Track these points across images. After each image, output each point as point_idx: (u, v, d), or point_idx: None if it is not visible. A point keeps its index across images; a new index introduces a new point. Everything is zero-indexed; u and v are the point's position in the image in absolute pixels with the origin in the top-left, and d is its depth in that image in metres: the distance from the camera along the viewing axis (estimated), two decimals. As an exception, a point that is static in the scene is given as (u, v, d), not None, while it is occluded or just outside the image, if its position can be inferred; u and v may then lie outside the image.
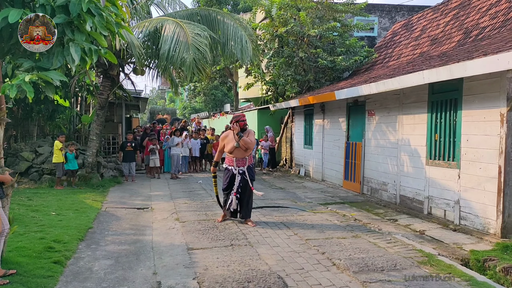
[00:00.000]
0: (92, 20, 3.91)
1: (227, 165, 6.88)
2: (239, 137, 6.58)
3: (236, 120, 6.72)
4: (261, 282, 4.39)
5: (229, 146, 6.75)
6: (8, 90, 3.64)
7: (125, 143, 12.38)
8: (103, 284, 4.36)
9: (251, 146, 6.66)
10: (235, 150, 6.69)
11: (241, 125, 6.69)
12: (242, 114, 6.84)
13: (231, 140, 6.71)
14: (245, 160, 6.78)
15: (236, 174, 6.74)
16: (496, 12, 9.07)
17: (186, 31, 10.41)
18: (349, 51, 14.05)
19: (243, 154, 6.73)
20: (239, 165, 6.76)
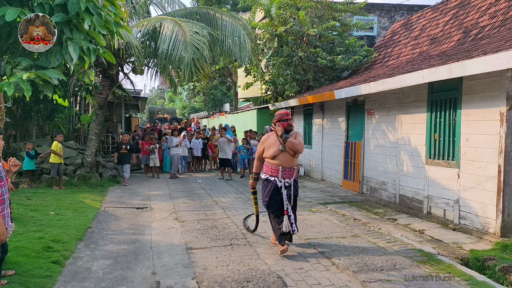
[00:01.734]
0: (90, 19, 3.90)
1: (267, 176, 5.35)
2: (284, 139, 5.21)
3: (278, 120, 5.40)
4: (260, 281, 4.38)
5: (271, 150, 5.29)
6: (6, 88, 3.63)
7: (120, 145, 11.82)
8: (102, 284, 4.34)
9: (300, 149, 5.23)
10: (280, 156, 5.26)
11: (284, 125, 5.30)
12: (286, 112, 5.40)
13: (274, 143, 5.30)
14: (292, 170, 5.32)
15: (282, 187, 5.23)
16: (496, 11, 9.06)
17: (184, 29, 10.40)
18: (349, 51, 14.04)
19: (290, 161, 5.28)
20: (286, 175, 5.26)
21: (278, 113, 5.46)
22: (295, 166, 5.37)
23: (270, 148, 5.35)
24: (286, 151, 5.25)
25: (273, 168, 5.30)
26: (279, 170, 5.25)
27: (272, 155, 5.28)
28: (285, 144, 5.23)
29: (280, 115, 5.45)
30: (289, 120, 5.37)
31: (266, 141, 5.44)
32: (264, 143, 5.46)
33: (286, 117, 5.39)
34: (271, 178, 5.32)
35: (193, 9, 12.80)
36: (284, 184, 5.25)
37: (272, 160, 5.30)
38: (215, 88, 35.88)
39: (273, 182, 5.29)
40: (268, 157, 5.35)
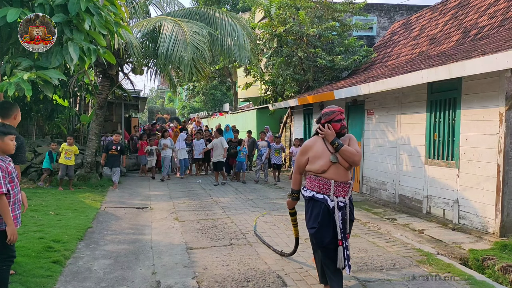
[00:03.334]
0: (91, 19, 3.91)
1: (314, 193, 4.00)
2: (336, 147, 3.87)
3: (328, 120, 3.97)
4: (260, 281, 4.39)
5: (319, 162, 3.94)
6: (7, 88, 3.64)
7: (110, 145, 10.85)
8: (102, 283, 4.35)
9: (358, 160, 3.92)
10: (332, 169, 3.91)
11: (337, 128, 3.94)
12: (339, 110, 4.00)
13: (322, 153, 3.95)
14: (348, 186, 3.99)
15: (335, 209, 3.90)
16: (495, 12, 9.07)
17: (184, 29, 10.41)
18: (348, 51, 14.06)
19: (345, 175, 3.96)
20: (339, 193, 3.92)
21: (328, 110, 3.99)
22: (350, 181, 4.02)
23: (317, 160, 3.94)
24: (339, 163, 3.88)
25: (322, 182, 3.92)
26: (331, 185, 3.87)
27: (322, 169, 3.89)
28: (338, 153, 3.87)
29: (330, 113, 3.97)
30: (343, 120, 3.96)
31: (310, 150, 4.01)
32: (307, 152, 4.03)
33: (339, 117, 3.94)
34: (318, 196, 3.93)
35: (193, 9, 12.81)
36: (337, 204, 3.87)
37: (319, 175, 3.96)
38: (214, 88, 35.90)
39: (322, 202, 3.91)
40: (315, 170, 3.95)
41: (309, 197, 4.05)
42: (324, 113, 4.03)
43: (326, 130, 3.94)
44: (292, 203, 4.49)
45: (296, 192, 4.34)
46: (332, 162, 3.89)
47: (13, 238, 3.45)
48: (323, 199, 3.92)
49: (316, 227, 3.94)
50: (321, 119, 4.02)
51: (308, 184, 4.08)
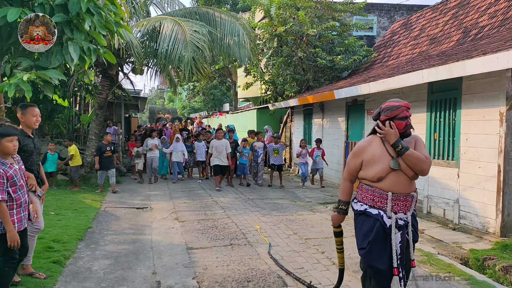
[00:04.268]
0: (91, 19, 3.91)
1: (367, 207, 3.22)
2: (399, 151, 3.10)
3: (389, 117, 3.19)
4: (260, 281, 4.38)
5: (375, 168, 3.17)
6: (7, 89, 3.63)
7: (104, 147, 10.04)
8: (103, 284, 4.35)
9: (426, 168, 3.13)
10: (391, 176, 3.13)
11: (402, 127, 3.16)
12: (405, 105, 3.21)
13: (380, 156, 3.17)
14: (410, 199, 3.17)
15: (392, 229, 3.10)
16: (495, 11, 9.07)
17: (184, 28, 10.41)
18: (348, 51, 14.06)
19: (407, 186, 3.15)
20: (399, 208, 3.14)
21: (391, 105, 3.21)
22: (414, 193, 3.18)
23: (372, 164, 3.17)
24: (401, 170, 3.11)
25: (377, 194, 3.15)
26: (388, 198, 3.10)
27: (378, 176, 3.13)
28: (401, 158, 3.10)
29: (393, 108, 3.18)
30: (409, 117, 3.18)
31: (365, 151, 3.24)
32: (361, 155, 3.25)
33: (405, 113, 3.16)
34: (372, 211, 3.16)
35: (193, 9, 12.81)
36: (396, 222, 3.10)
37: (374, 183, 3.17)
38: (214, 88, 35.89)
39: (376, 219, 3.14)
40: (370, 178, 3.18)
41: (360, 211, 3.23)
42: (385, 108, 3.23)
43: (388, 129, 3.15)
44: (339, 218, 3.50)
45: (344, 203, 3.40)
46: (392, 168, 3.10)
47: (14, 244, 3.43)
48: (377, 215, 3.11)
49: (365, 247, 3.13)
50: (380, 115, 3.25)
51: (360, 196, 3.28)
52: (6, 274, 3.54)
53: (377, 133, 3.30)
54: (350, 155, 3.37)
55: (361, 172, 3.28)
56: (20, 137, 4.06)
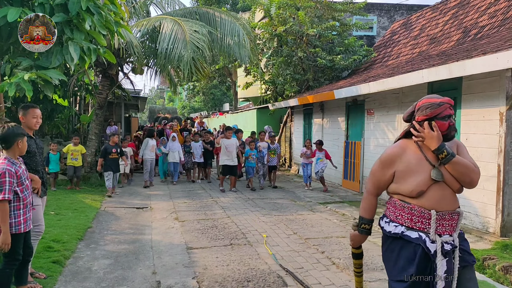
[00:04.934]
0: (91, 18, 3.91)
1: (403, 229, 2.56)
2: (443, 158, 2.49)
3: (429, 116, 2.55)
4: (260, 281, 4.38)
5: (413, 179, 2.53)
6: (7, 89, 3.63)
7: (110, 148, 9.60)
8: (103, 283, 4.35)
9: (476, 178, 2.55)
10: (433, 190, 2.51)
11: (444, 128, 2.53)
12: (448, 101, 2.55)
13: (418, 165, 2.55)
14: (456, 218, 2.55)
15: (437, 255, 2.44)
16: (495, 11, 9.07)
17: (184, 28, 10.41)
18: (348, 50, 14.06)
19: (453, 201, 2.56)
20: (444, 229, 2.51)
21: (431, 101, 2.55)
22: (459, 208, 2.58)
23: (409, 175, 2.52)
24: (445, 182, 2.50)
25: (417, 212, 2.50)
26: (431, 218, 2.46)
27: (417, 190, 2.48)
28: (444, 167, 2.50)
29: (434, 106, 2.53)
30: (452, 116, 2.56)
31: (397, 160, 2.58)
32: (392, 164, 2.59)
33: (448, 111, 2.53)
34: (411, 235, 2.50)
35: (193, 9, 12.81)
36: (442, 246, 2.44)
37: (414, 199, 2.51)
38: (214, 87, 35.93)
39: (417, 244, 2.47)
40: (406, 193, 2.53)
41: (395, 234, 2.56)
42: (422, 106, 2.56)
43: (428, 131, 2.50)
44: (360, 239, 2.88)
45: (368, 222, 2.79)
46: (434, 180, 2.47)
47: (4, 247, 3.39)
48: (418, 240, 2.46)
49: (405, 281, 2.48)
50: (415, 115, 2.61)
51: (393, 213, 2.63)
52: (7, 275, 3.54)
53: (411, 137, 2.62)
54: (378, 164, 2.68)
55: (393, 185, 2.62)
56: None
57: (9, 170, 3.39)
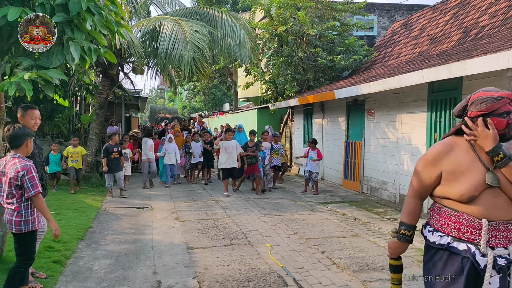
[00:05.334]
0: (92, 18, 3.90)
1: (449, 239, 2.25)
2: (499, 160, 2.15)
3: (484, 112, 2.20)
4: (261, 281, 4.38)
5: (463, 182, 2.19)
6: (7, 88, 3.63)
7: (111, 148, 9.37)
8: (103, 283, 4.35)
9: None
10: (486, 196, 2.16)
11: (502, 126, 2.18)
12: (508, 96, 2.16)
13: (470, 166, 2.21)
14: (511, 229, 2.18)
15: (487, 270, 2.12)
16: (496, 11, 9.06)
17: (184, 28, 10.41)
18: (349, 50, 14.06)
19: (509, 210, 2.18)
20: (497, 241, 2.17)
21: (487, 95, 2.23)
22: None
23: (458, 177, 2.22)
24: (500, 188, 2.18)
25: (466, 222, 2.20)
26: (483, 228, 2.16)
27: (468, 194, 2.18)
28: (501, 171, 2.19)
29: (491, 100, 2.21)
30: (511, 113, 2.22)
31: (444, 159, 2.28)
32: (438, 163, 2.29)
33: (507, 107, 2.20)
34: (459, 247, 2.22)
35: (193, 9, 12.80)
36: (494, 261, 2.15)
37: (463, 205, 2.21)
38: (215, 87, 35.95)
39: (465, 257, 2.19)
40: (455, 197, 2.22)
41: (439, 245, 2.28)
42: (477, 100, 2.25)
43: (482, 129, 2.20)
44: (400, 248, 2.53)
45: (409, 228, 2.44)
46: (489, 184, 2.15)
47: (58, 233, 3.67)
48: (466, 252, 2.17)
49: None
50: (468, 109, 2.30)
51: (437, 222, 2.33)
52: (22, 274, 3.59)
53: (462, 135, 2.30)
54: (422, 162, 2.39)
55: (439, 188, 2.30)
56: None
57: (32, 165, 3.50)
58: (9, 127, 3.58)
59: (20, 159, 3.50)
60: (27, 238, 3.55)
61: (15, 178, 3.41)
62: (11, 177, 3.41)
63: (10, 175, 3.42)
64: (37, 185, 3.47)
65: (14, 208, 3.48)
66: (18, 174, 3.40)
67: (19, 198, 3.49)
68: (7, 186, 3.46)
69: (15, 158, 3.49)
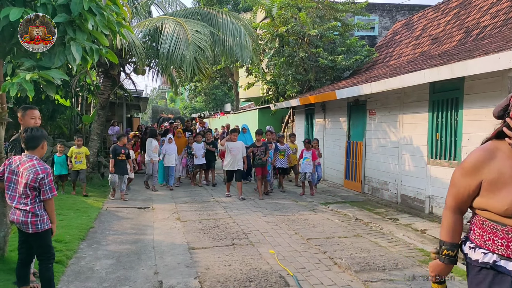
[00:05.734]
0: (93, 19, 3.91)
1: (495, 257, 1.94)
2: None
3: None
4: (262, 281, 4.38)
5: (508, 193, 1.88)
6: (9, 89, 3.64)
7: (119, 149, 9.19)
8: (105, 283, 4.35)
9: None
10: None
11: None
12: None
13: None
14: None
15: None
16: (497, 11, 9.05)
17: (186, 29, 10.42)
18: (350, 51, 14.05)
19: None
20: None
21: None
22: None
23: (502, 187, 1.94)
24: None
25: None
26: None
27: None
28: None
29: None
30: None
31: (485, 167, 2.01)
32: (479, 172, 2.03)
33: None
34: (507, 266, 1.92)
35: (194, 9, 12.82)
36: None
37: (509, 220, 1.92)
38: (216, 88, 35.97)
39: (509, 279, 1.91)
40: (499, 211, 1.93)
41: (483, 263, 2.00)
42: None
43: None
44: (442, 269, 2.22)
45: (453, 247, 2.14)
46: None
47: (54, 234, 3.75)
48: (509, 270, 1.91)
49: None
50: (509, 110, 2.11)
51: (479, 237, 2.06)
52: (51, 270, 3.71)
53: (504, 138, 2.05)
54: (459, 171, 2.14)
55: (479, 200, 2.04)
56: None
57: (50, 169, 3.59)
58: (26, 128, 3.63)
59: (39, 161, 3.56)
60: (45, 236, 3.63)
61: (33, 180, 3.46)
62: (30, 179, 3.45)
63: (28, 176, 3.46)
64: (54, 189, 3.57)
65: (29, 209, 3.52)
66: (38, 176, 3.46)
67: (33, 199, 3.53)
68: (23, 187, 3.49)
69: (33, 160, 3.53)
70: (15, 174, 3.55)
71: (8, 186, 3.59)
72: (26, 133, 3.58)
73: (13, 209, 3.61)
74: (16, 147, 4.13)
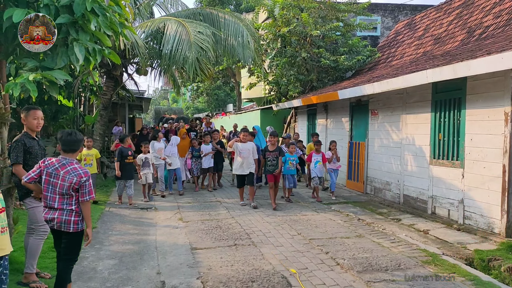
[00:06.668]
0: (96, 20, 3.92)
1: None
2: None
3: None
4: (265, 281, 4.38)
5: None
6: (12, 89, 3.66)
7: (126, 151, 8.61)
8: (107, 283, 4.36)
9: None
10: None
11: None
12: None
13: None
14: None
15: None
16: (500, 11, 9.02)
17: (188, 29, 10.43)
18: (352, 51, 14.04)
19: None
20: None
21: None
22: None
23: None
24: None
25: None
26: None
27: None
28: None
29: None
30: None
31: None
32: None
33: None
34: None
35: (196, 10, 12.83)
36: None
37: None
38: (218, 88, 36.00)
39: None
40: None
41: None
42: None
43: None
44: None
45: None
46: None
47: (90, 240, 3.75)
48: None
49: None
50: None
51: None
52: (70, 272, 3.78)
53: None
54: None
55: None
56: (26, 139, 4.11)
57: (89, 172, 3.68)
58: (66, 131, 3.69)
59: (79, 165, 3.67)
60: (80, 237, 3.70)
61: (77, 183, 3.55)
62: (74, 182, 3.54)
63: (71, 180, 3.55)
64: (93, 191, 3.65)
65: (74, 208, 3.62)
66: (81, 179, 3.56)
67: (77, 199, 3.62)
68: (65, 189, 3.56)
69: (74, 164, 3.64)
70: (54, 177, 3.60)
71: (46, 188, 3.64)
72: (69, 137, 3.65)
73: (50, 209, 3.63)
74: (17, 147, 4.11)
